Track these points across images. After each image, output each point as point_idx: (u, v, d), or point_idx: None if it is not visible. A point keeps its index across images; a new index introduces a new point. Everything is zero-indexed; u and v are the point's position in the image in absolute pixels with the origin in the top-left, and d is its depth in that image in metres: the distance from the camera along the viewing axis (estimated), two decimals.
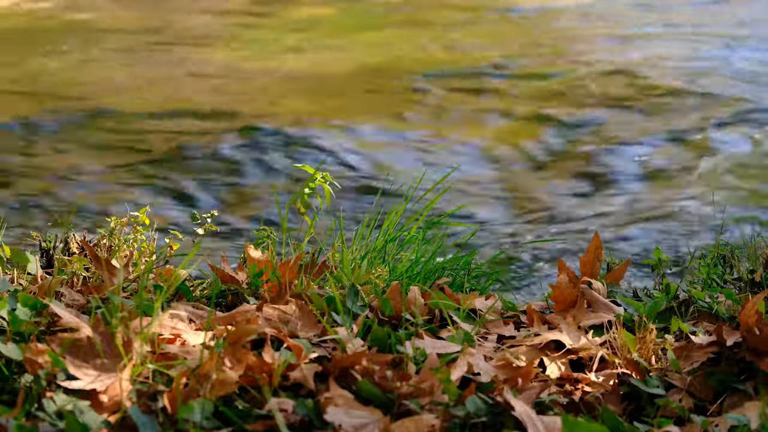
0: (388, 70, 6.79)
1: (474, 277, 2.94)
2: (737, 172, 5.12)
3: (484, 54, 7.11)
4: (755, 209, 4.66)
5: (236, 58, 6.89)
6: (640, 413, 2.07)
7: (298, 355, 2.02)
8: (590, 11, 8.42)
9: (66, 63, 6.88)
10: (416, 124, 5.80)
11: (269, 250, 2.69)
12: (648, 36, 7.64)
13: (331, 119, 5.76)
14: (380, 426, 1.80)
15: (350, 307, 2.33)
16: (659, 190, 4.96)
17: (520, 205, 4.78)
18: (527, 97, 6.17)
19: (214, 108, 5.99)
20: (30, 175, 5.01)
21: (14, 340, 2.03)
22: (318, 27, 7.88)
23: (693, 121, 5.79)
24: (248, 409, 1.86)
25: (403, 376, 1.95)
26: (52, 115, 5.79)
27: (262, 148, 5.31)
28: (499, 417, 1.91)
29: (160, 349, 1.98)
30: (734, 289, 2.80)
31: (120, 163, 5.17)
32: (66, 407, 1.78)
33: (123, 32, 7.78)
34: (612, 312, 2.41)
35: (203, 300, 2.47)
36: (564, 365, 2.21)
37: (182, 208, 4.67)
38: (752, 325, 2.16)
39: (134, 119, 5.78)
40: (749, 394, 2.09)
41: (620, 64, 6.71)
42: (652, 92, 6.26)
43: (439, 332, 2.33)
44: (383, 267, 2.67)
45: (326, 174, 2.81)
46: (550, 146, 5.47)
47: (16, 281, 2.52)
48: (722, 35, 7.63)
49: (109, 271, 2.44)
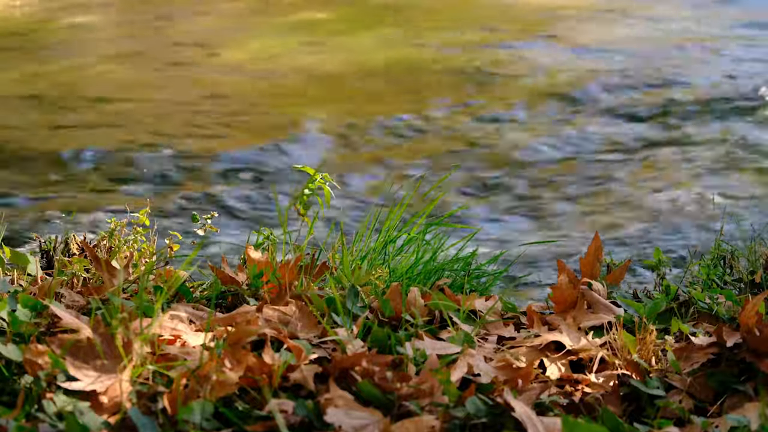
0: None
1: (474, 278, 2.94)
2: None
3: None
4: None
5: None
6: (640, 414, 2.07)
7: (298, 356, 2.02)
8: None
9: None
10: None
11: (269, 251, 2.69)
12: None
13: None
14: (380, 427, 1.80)
15: (350, 308, 2.33)
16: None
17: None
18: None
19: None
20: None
21: (14, 341, 2.03)
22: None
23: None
24: (248, 410, 1.86)
25: (403, 377, 1.95)
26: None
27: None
28: (499, 418, 1.91)
29: (160, 350, 1.98)
30: (734, 290, 2.80)
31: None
32: (66, 408, 1.78)
33: (123, 34, 7.79)
34: (612, 313, 2.41)
35: (203, 301, 2.47)
36: (564, 366, 2.21)
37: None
38: (752, 326, 2.16)
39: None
40: (749, 395, 2.09)
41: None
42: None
43: (439, 333, 2.33)
44: (383, 268, 2.67)
45: (326, 175, 2.81)
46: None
47: (16, 282, 2.52)
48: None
49: (109, 272, 2.44)
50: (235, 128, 5.70)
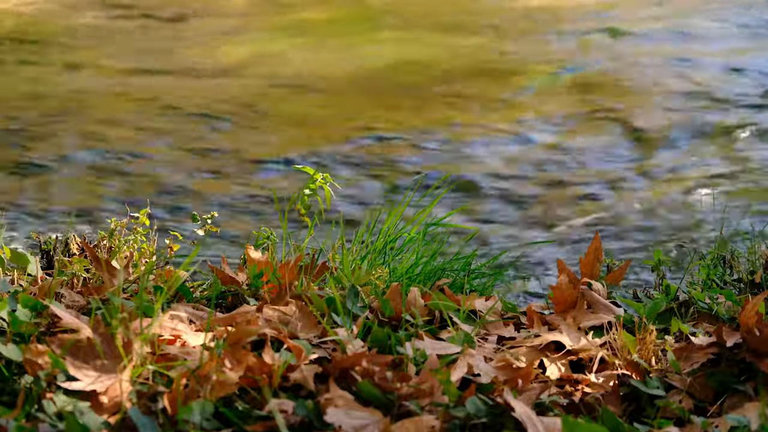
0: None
1: (474, 278, 2.94)
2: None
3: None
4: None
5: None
6: (640, 414, 2.07)
7: (298, 356, 2.02)
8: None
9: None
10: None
11: (269, 251, 2.69)
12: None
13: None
14: (380, 427, 1.81)
15: (350, 308, 2.33)
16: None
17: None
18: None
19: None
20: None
21: (14, 341, 2.03)
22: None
23: None
24: (248, 410, 1.86)
25: (403, 377, 1.95)
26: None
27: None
28: (499, 418, 1.92)
29: (160, 350, 1.98)
30: (734, 290, 2.80)
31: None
32: (66, 408, 1.78)
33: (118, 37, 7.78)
34: (612, 313, 2.41)
35: (203, 301, 2.47)
36: (564, 366, 2.21)
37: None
38: (752, 326, 2.16)
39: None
40: (749, 395, 2.09)
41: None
42: None
43: (439, 333, 2.33)
44: (383, 268, 2.67)
45: (327, 175, 2.81)
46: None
47: (17, 282, 2.52)
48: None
49: (109, 272, 2.44)
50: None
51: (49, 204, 4.69)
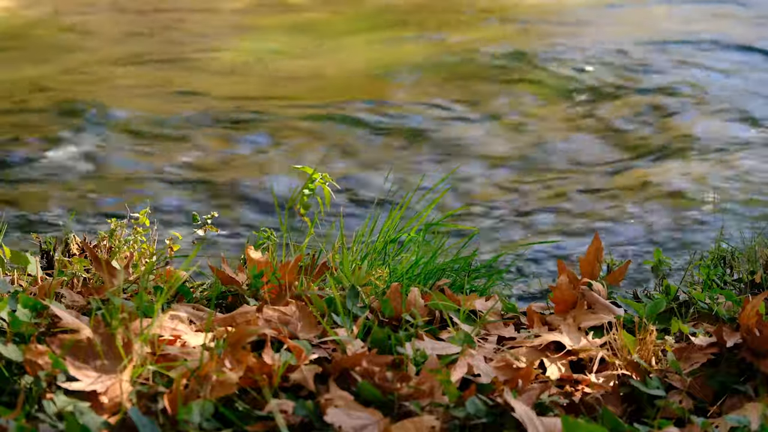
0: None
1: (475, 278, 2.94)
2: None
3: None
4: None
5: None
6: (640, 414, 2.07)
7: (298, 357, 2.02)
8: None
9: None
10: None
11: (269, 251, 2.69)
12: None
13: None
14: (380, 427, 1.81)
15: (350, 308, 2.33)
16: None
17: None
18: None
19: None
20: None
21: (14, 341, 2.03)
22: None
23: None
24: (248, 410, 1.86)
25: (403, 378, 1.95)
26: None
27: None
28: (500, 418, 1.92)
29: (160, 351, 1.98)
30: (734, 290, 2.80)
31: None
32: (66, 408, 1.78)
33: (123, 34, 7.78)
34: (612, 313, 2.41)
35: (203, 301, 2.47)
36: (564, 366, 2.21)
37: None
38: (752, 326, 2.16)
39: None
40: (749, 396, 2.09)
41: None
42: None
43: (440, 333, 2.33)
44: (383, 268, 2.67)
45: (326, 174, 2.81)
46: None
47: (17, 282, 2.52)
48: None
49: (110, 273, 2.44)
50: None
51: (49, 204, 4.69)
